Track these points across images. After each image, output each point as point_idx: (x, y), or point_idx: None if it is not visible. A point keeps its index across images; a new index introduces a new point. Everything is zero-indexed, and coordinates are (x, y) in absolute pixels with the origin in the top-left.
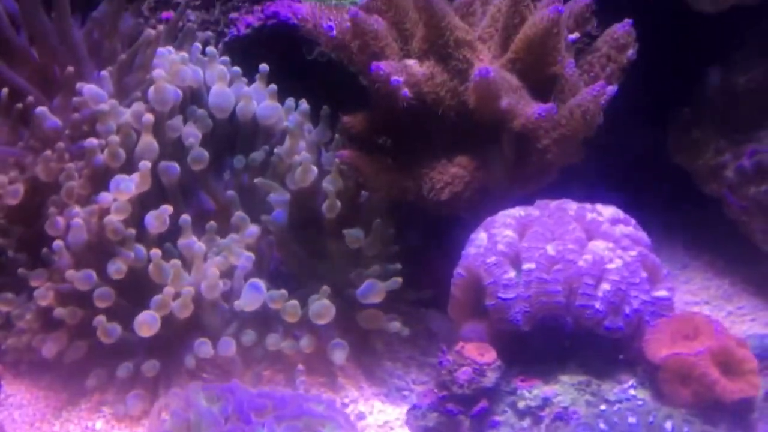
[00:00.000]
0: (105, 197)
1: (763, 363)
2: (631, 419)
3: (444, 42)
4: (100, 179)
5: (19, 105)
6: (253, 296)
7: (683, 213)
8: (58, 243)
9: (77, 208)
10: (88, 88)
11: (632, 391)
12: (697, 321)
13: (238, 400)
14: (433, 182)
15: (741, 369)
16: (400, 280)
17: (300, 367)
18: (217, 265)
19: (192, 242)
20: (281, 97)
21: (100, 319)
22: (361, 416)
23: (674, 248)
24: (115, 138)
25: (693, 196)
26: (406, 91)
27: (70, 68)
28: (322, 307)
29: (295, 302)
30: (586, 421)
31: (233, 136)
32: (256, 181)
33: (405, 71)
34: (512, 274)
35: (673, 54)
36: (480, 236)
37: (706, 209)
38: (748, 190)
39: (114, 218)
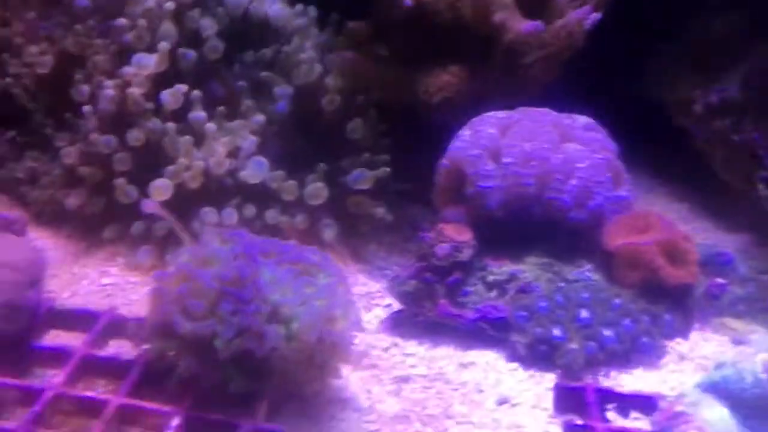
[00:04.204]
0: (128, 70)
1: (707, 269)
2: (585, 294)
3: None
4: (124, 57)
5: None
6: (257, 170)
7: (652, 143)
8: (87, 108)
9: (106, 80)
10: None
11: (588, 273)
12: (650, 218)
13: (247, 243)
14: (427, 86)
15: (684, 259)
16: (388, 169)
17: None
18: (224, 144)
19: (201, 115)
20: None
21: (121, 181)
22: None
23: (641, 175)
24: (143, 20)
25: (662, 129)
26: (408, 0)
27: None
28: (316, 188)
29: (293, 182)
30: (546, 294)
31: (245, 33)
32: (262, 74)
33: None
34: (491, 166)
35: None
36: (465, 132)
37: (675, 141)
38: (713, 123)
39: (135, 90)
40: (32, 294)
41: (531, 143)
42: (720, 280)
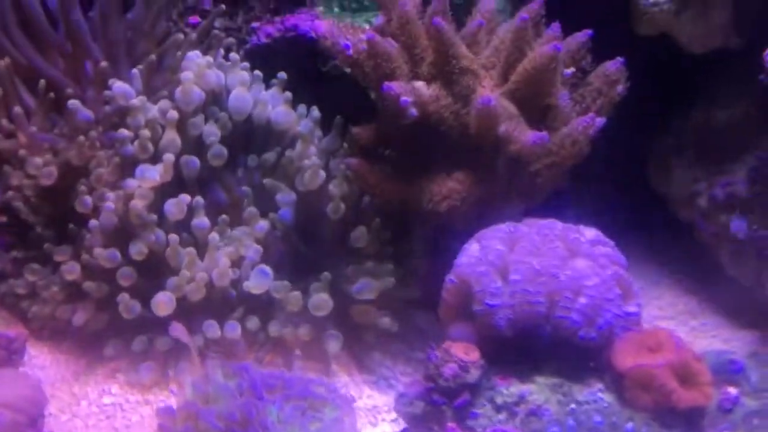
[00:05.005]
0: (131, 184)
1: (718, 377)
2: (597, 418)
3: (450, 69)
4: (128, 168)
5: (51, 94)
6: (261, 280)
7: (658, 236)
8: (94, 222)
9: (109, 193)
10: (118, 86)
11: (600, 395)
12: (660, 336)
13: (252, 378)
14: (432, 194)
15: (696, 380)
16: (393, 279)
17: (297, 352)
18: (228, 254)
19: (204, 223)
20: (294, 103)
21: (125, 296)
22: (352, 399)
23: (648, 267)
24: (146, 132)
25: (668, 221)
26: (413, 110)
27: (104, 63)
28: (321, 300)
29: (298, 293)
30: (556, 417)
31: (248, 137)
32: (264, 181)
33: (413, 92)
34: (499, 283)
35: (660, 88)
36: (472, 247)
37: (680, 233)
38: (719, 218)
39: (138, 203)
40: None
41: (539, 259)
42: (732, 390)
